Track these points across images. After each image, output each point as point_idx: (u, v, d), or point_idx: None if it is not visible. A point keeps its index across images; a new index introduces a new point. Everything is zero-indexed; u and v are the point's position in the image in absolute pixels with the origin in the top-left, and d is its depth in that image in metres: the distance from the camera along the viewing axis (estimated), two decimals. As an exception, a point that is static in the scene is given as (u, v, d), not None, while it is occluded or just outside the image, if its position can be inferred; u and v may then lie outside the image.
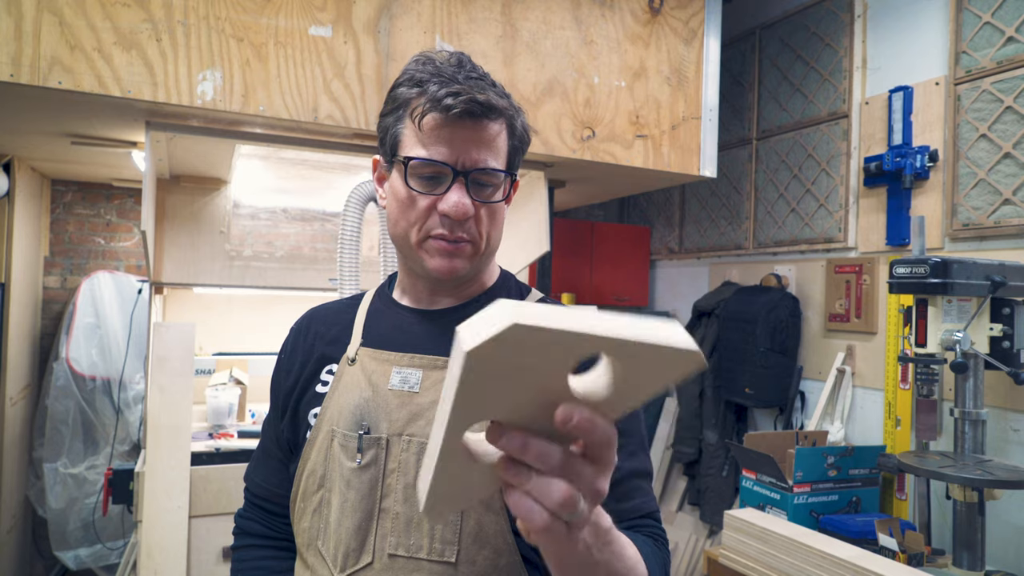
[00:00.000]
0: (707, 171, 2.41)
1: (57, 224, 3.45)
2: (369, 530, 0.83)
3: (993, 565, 1.86)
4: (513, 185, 0.93)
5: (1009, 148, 2.02)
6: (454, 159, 0.82)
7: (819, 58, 2.68)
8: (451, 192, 0.83)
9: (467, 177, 0.83)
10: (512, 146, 0.88)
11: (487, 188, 0.86)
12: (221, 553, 2.00)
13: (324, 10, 1.88)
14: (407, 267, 0.94)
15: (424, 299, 0.93)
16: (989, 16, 2.07)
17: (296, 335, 1.00)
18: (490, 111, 0.82)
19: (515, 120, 0.88)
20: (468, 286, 0.93)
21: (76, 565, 3.17)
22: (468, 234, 0.85)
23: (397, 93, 0.86)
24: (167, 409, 1.92)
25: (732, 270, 3.12)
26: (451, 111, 0.80)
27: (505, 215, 0.94)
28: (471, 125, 0.82)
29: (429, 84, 0.82)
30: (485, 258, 0.90)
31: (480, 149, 0.83)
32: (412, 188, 0.84)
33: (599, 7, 2.24)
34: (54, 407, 3.14)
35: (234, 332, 2.87)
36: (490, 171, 0.84)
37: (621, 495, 0.84)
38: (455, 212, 0.82)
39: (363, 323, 0.95)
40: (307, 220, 2.88)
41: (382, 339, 0.92)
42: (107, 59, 1.65)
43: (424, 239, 0.86)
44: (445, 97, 0.80)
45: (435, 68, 0.83)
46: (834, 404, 2.53)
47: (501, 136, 0.86)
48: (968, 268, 1.76)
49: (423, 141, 0.83)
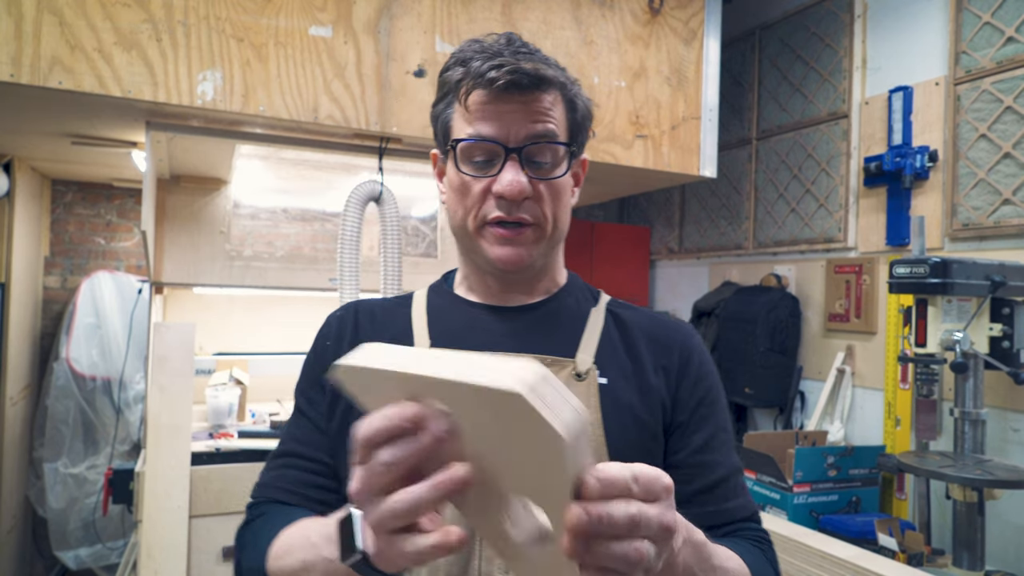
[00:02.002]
0: (707, 171, 2.41)
1: (57, 224, 3.45)
2: (472, 553, 0.74)
3: (993, 565, 1.86)
4: (581, 164, 0.87)
5: (1009, 148, 2.02)
6: (504, 135, 0.76)
7: (819, 58, 2.68)
8: (504, 171, 0.76)
9: (520, 153, 0.77)
10: (572, 120, 0.81)
11: (545, 164, 0.79)
12: (221, 553, 2.00)
13: (324, 10, 1.88)
14: (472, 262, 0.87)
15: (495, 295, 0.86)
16: (989, 16, 2.07)
17: (341, 325, 0.89)
18: (540, 81, 0.76)
19: (571, 91, 0.81)
20: (539, 280, 0.87)
21: (76, 565, 3.17)
22: (530, 215, 0.78)
23: (444, 77, 0.81)
24: (167, 409, 1.92)
25: (732, 270, 3.12)
26: (495, 83, 0.74)
27: (572, 196, 0.86)
28: (520, 97, 0.76)
29: (472, 61, 0.76)
30: (552, 244, 0.83)
31: (532, 122, 0.76)
32: (464, 172, 0.79)
33: (599, 7, 2.24)
34: (54, 407, 3.14)
35: (234, 332, 2.87)
36: (546, 143, 0.77)
37: (728, 493, 0.81)
38: (509, 191, 0.76)
39: (426, 321, 0.87)
40: (307, 220, 2.88)
41: (454, 338, 0.84)
42: (107, 59, 1.65)
43: (481, 226, 0.79)
44: (489, 71, 0.74)
45: (481, 46, 0.78)
46: (834, 404, 2.53)
47: (557, 108, 0.79)
48: (968, 268, 1.76)
49: (471, 120, 0.77)
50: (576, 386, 0.80)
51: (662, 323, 0.89)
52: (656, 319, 0.90)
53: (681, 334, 0.88)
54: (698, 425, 0.83)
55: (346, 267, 2.02)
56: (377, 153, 2.10)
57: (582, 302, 0.89)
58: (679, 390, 0.84)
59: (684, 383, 0.84)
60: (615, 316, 0.88)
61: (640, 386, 0.82)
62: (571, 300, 0.89)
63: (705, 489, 0.80)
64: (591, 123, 0.86)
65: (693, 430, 0.82)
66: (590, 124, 0.86)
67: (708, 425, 0.83)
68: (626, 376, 0.82)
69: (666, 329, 0.88)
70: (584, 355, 0.82)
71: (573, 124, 0.82)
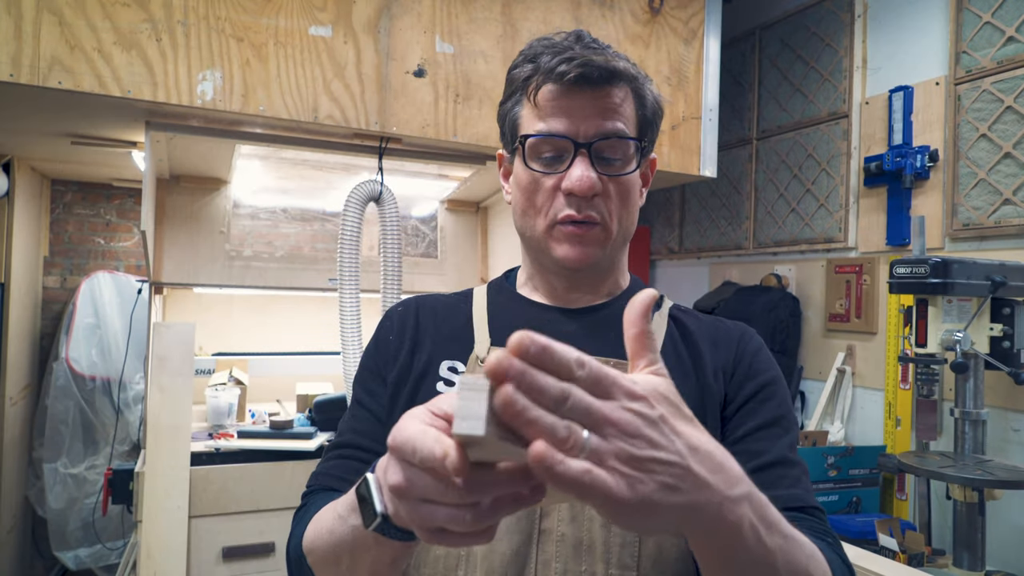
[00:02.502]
0: (707, 171, 2.41)
1: (57, 224, 3.45)
2: (528, 556, 0.73)
3: (993, 565, 1.86)
4: (650, 164, 0.86)
5: (1009, 148, 2.02)
6: (574, 130, 0.75)
7: (819, 58, 2.68)
8: (574, 167, 0.75)
9: (590, 149, 0.75)
10: (642, 116, 0.79)
11: (615, 161, 0.77)
12: (221, 553, 2.00)
13: (324, 10, 1.88)
14: (537, 263, 0.86)
15: (559, 295, 0.85)
16: (989, 16, 2.07)
17: (403, 319, 0.88)
18: (611, 76, 0.74)
19: (643, 87, 0.79)
20: (604, 281, 0.86)
21: (76, 565, 3.16)
22: (597, 213, 0.77)
23: (513, 75, 0.79)
24: (167, 409, 1.92)
25: (732, 270, 3.12)
26: (565, 77, 0.73)
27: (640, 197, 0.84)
28: (590, 92, 0.74)
29: (542, 57, 0.75)
30: (617, 246, 0.82)
31: (602, 117, 0.75)
32: (533, 169, 0.77)
33: (599, 7, 2.24)
34: (54, 407, 3.14)
35: (234, 332, 2.87)
36: (616, 139, 0.75)
37: (772, 480, 0.74)
38: (580, 187, 0.74)
39: (487, 319, 0.86)
40: (307, 220, 2.88)
41: None
42: (107, 59, 1.65)
43: (552, 225, 0.78)
44: (559, 65, 0.73)
45: (550, 43, 0.77)
46: (834, 404, 2.52)
47: (627, 103, 0.77)
48: (968, 268, 1.76)
49: (541, 116, 0.76)
50: None
51: (721, 327, 0.88)
52: (716, 323, 0.89)
53: (736, 334, 0.87)
54: (743, 419, 0.80)
55: (346, 267, 2.01)
56: (377, 153, 2.10)
57: None
58: (729, 387, 0.82)
59: (734, 380, 0.83)
60: (677, 321, 0.87)
61: (701, 390, 0.81)
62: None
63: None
64: (662, 120, 0.84)
65: (738, 424, 0.80)
66: (660, 121, 0.84)
67: (757, 417, 0.80)
68: (687, 378, 0.81)
69: (725, 331, 0.87)
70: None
71: (643, 120, 0.80)
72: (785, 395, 0.84)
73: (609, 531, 0.74)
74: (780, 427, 0.80)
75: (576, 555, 0.72)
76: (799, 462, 0.79)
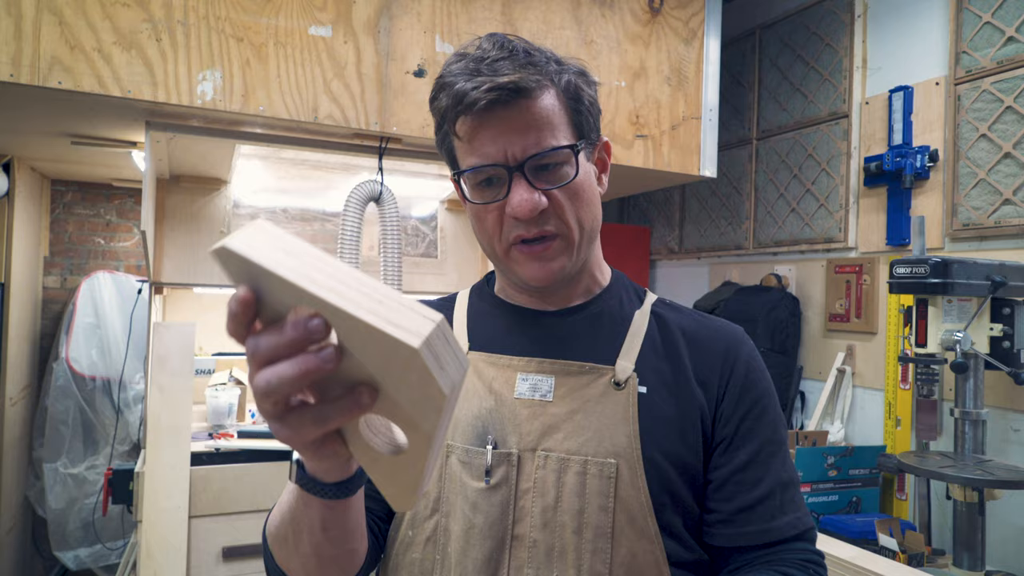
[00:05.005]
0: (707, 171, 2.41)
1: (57, 224, 3.45)
2: (501, 561, 0.73)
3: (993, 565, 1.86)
4: (603, 148, 0.84)
5: (1009, 148, 2.02)
6: (502, 155, 0.73)
7: (819, 58, 2.68)
8: (512, 192, 0.73)
9: (523, 170, 0.73)
10: (575, 111, 0.77)
11: (555, 168, 0.75)
12: (221, 553, 2.00)
13: (324, 10, 1.88)
14: (506, 279, 0.86)
15: (536, 300, 0.85)
16: (989, 16, 2.07)
17: None
18: (521, 91, 0.71)
19: (562, 81, 0.76)
20: (578, 282, 0.84)
21: (76, 565, 3.16)
22: (552, 226, 0.76)
23: (433, 108, 0.78)
24: (167, 409, 1.92)
25: (732, 270, 3.12)
26: (476, 107, 0.71)
27: (600, 186, 0.82)
28: (505, 114, 0.72)
29: (454, 84, 0.73)
30: (584, 246, 0.80)
31: (527, 134, 0.73)
32: (474, 202, 0.77)
33: (599, 7, 2.24)
34: (54, 407, 3.14)
35: (234, 332, 2.86)
36: (546, 152, 0.73)
37: (772, 511, 0.76)
38: (520, 211, 0.73)
39: (466, 324, 0.86)
40: (307, 220, 2.88)
41: (494, 342, 0.83)
42: (107, 59, 1.65)
43: (508, 248, 0.78)
44: (468, 92, 0.70)
45: (462, 64, 0.74)
46: (834, 404, 2.52)
47: (552, 108, 0.74)
48: (968, 268, 1.76)
49: (468, 148, 0.75)
50: (615, 395, 0.77)
51: (708, 326, 0.85)
52: (702, 321, 0.85)
53: (726, 339, 0.83)
54: (743, 440, 0.79)
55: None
56: (377, 153, 2.10)
57: (626, 303, 0.86)
58: (723, 403, 0.80)
59: (728, 394, 0.80)
60: (658, 318, 0.84)
61: (680, 396, 0.79)
62: (614, 302, 0.86)
63: (746, 508, 0.77)
64: (597, 103, 0.81)
65: (737, 446, 0.78)
66: (597, 105, 0.81)
67: (754, 439, 0.79)
68: (666, 384, 0.79)
69: (711, 333, 0.84)
70: (624, 362, 0.79)
71: (576, 115, 0.77)
72: (777, 405, 0.83)
73: (581, 538, 0.73)
74: (774, 444, 0.80)
75: (548, 561, 0.73)
76: (791, 478, 0.80)
